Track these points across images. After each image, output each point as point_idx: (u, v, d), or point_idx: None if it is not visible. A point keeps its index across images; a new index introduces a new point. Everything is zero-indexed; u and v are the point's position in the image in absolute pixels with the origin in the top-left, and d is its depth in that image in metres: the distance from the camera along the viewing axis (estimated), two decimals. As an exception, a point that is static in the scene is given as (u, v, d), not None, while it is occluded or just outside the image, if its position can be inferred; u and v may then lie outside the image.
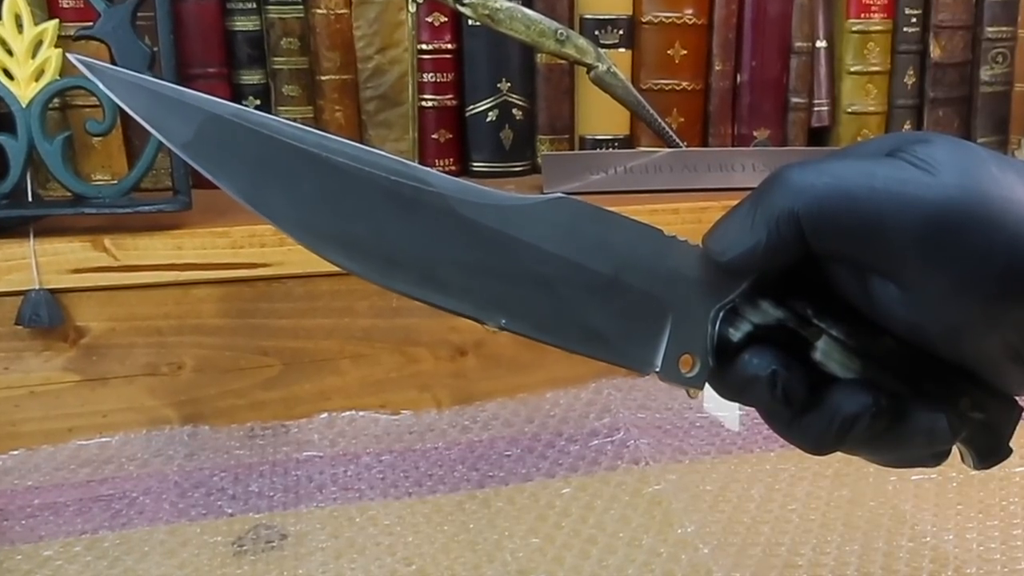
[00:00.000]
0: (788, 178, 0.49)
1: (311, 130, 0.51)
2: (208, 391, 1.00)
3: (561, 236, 0.52)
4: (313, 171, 0.50)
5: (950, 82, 1.40)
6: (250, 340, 1.01)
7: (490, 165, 1.29)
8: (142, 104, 0.50)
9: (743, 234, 0.50)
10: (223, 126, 0.50)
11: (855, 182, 0.47)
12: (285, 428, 1.01)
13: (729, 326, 0.52)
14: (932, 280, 0.47)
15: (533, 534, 0.81)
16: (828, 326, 0.51)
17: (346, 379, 1.04)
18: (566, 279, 0.52)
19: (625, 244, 0.52)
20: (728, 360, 0.52)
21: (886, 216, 0.46)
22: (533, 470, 0.92)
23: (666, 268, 0.52)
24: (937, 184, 0.46)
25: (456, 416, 1.04)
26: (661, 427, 1.00)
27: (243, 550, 0.80)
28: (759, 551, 0.79)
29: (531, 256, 0.52)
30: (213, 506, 0.87)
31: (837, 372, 0.51)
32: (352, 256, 0.51)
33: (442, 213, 0.51)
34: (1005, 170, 0.47)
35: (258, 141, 0.50)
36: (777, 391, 0.50)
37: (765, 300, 0.52)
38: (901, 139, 0.50)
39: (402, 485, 0.90)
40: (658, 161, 1.18)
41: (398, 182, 0.51)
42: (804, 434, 0.51)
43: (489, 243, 0.52)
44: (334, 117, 1.22)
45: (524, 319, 0.52)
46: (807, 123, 1.38)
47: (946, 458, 0.54)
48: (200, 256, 0.97)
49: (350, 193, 0.51)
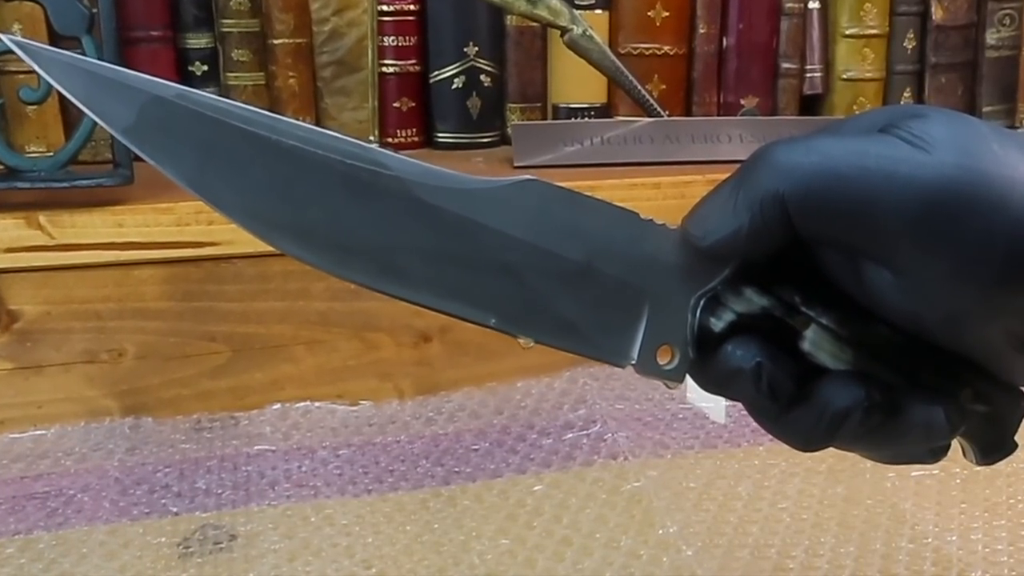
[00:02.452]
0: (773, 157, 0.49)
1: (261, 111, 0.51)
2: (151, 380, 1.01)
3: (529, 221, 0.52)
4: (263, 155, 0.51)
5: (953, 46, 1.40)
6: (197, 325, 1.01)
7: (456, 136, 1.29)
8: (80, 87, 0.50)
9: (725, 217, 0.50)
10: (166, 109, 0.50)
11: (845, 161, 0.48)
12: (234, 420, 1.01)
13: (710, 315, 0.52)
14: (928, 266, 0.47)
15: (502, 535, 0.82)
16: (817, 314, 0.51)
17: (300, 367, 1.04)
18: (535, 267, 0.52)
19: (598, 229, 0.53)
20: (710, 351, 0.52)
21: (878, 198, 0.47)
22: (502, 465, 0.93)
23: (642, 254, 0.53)
24: (933, 163, 0.47)
25: (419, 407, 1.04)
26: (641, 419, 1.00)
27: (189, 552, 0.80)
28: (747, 553, 0.79)
29: (497, 243, 0.52)
30: (157, 504, 0.87)
31: (827, 363, 0.51)
32: (305, 245, 0.52)
33: (401, 198, 0.52)
34: (1007, 147, 0.48)
35: (204, 124, 0.51)
36: (762, 384, 0.50)
37: (749, 287, 0.52)
38: (895, 114, 0.50)
39: (361, 482, 0.90)
40: (638, 132, 1.19)
41: (354, 166, 0.51)
42: (792, 430, 0.52)
43: (452, 229, 0.52)
44: (287, 84, 1.21)
45: (490, 310, 0.53)
46: (798, 91, 1.39)
47: (945, 454, 0.55)
48: (143, 234, 0.97)
49: (303, 178, 0.51)
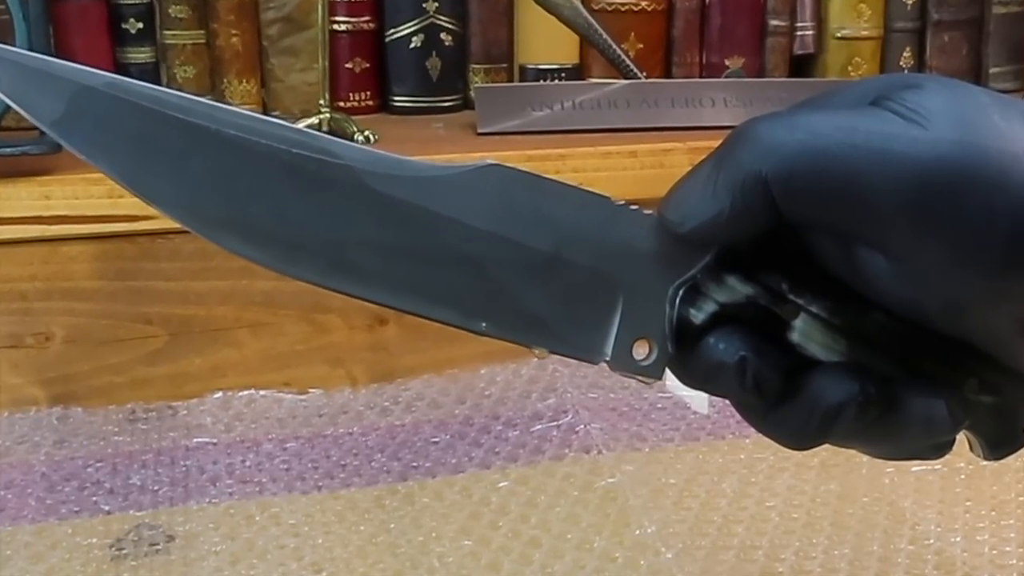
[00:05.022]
0: (755, 134, 0.49)
1: (199, 99, 0.52)
2: (81, 366, 1.00)
3: (491, 209, 0.53)
4: (202, 147, 0.51)
5: (958, 1, 1.41)
6: (131, 306, 1.01)
7: (414, 99, 1.29)
8: (3, 78, 0.51)
9: (704, 201, 0.50)
10: (97, 99, 0.51)
11: (833, 138, 0.48)
12: (172, 410, 1.01)
13: (690, 306, 0.52)
14: (926, 251, 0.47)
15: (465, 535, 0.82)
16: (807, 302, 0.51)
17: (244, 352, 1.04)
18: (498, 258, 0.53)
19: (566, 215, 0.53)
20: (690, 345, 0.52)
21: (870, 179, 0.47)
22: (465, 460, 0.93)
23: (615, 241, 0.53)
24: (929, 139, 0.47)
25: (374, 396, 1.04)
26: (616, 409, 1.01)
27: (122, 554, 0.80)
28: (732, 556, 0.79)
29: (455, 233, 0.52)
30: (87, 502, 0.87)
31: (819, 355, 0.52)
32: (250, 242, 0.52)
33: (351, 188, 0.52)
34: (1010, 118, 0.48)
35: (138, 115, 0.51)
36: (747, 380, 0.50)
37: (731, 274, 0.52)
38: (888, 84, 0.50)
39: (310, 477, 0.90)
40: (612, 95, 1.19)
41: (300, 155, 0.52)
42: (782, 427, 0.52)
43: (406, 220, 0.52)
44: (230, 43, 1.21)
45: (449, 306, 0.53)
46: (788, 50, 1.39)
47: (949, 450, 0.55)
48: (72, 207, 0.96)
49: (245, 170, 0.52)
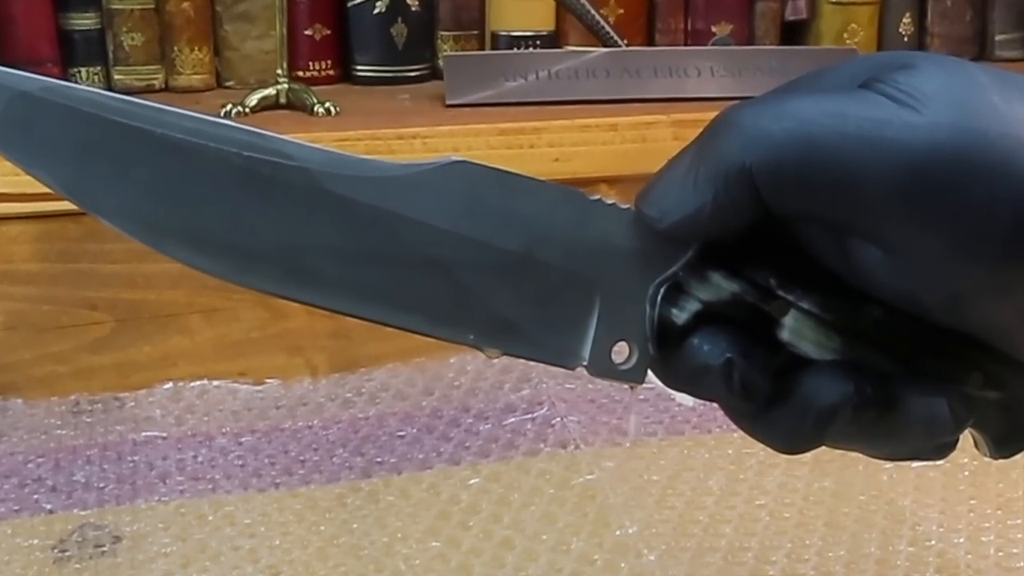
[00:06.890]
0: (738, 123, 0.49)
1: (143, 102, 0.51)
2: (21, 355, 1.00)
3: (457, 209, 0.53)
4: (147, 152, 0.51)
5: (961, -38, 1.41)
6: (75, 291, 1.01)
7: (378, 69, 1.29)
8: None
9: (685, 194, 0.50)
10: (33, 105, 0.50)
11: (821, 126, 0.47)
12: (119, 402, 1.01)
13: (672, 305, 0.53)
14: (922, 242, 0.47)
15: (432, 536, 0.82)
16: (797, 297, 0.51)
17: (196, 340, 1.04)
18: (466, 261, 0.53)
19: (538, 212, 0.53)
20: (673, 347, 0.53)
21: (861, 168, 0.47)
22: (433, 455, 0.93)
23: (591, 239, 0.53)
24: (924, 124, 0.46)
25: (336, 387, 1.04)
26: (595, 401, 1.01)
27: (66, 556, 0.80)
28: (719, 558, 0.80)
29: (420, 236, 0.52)
30: (28, 500, 0.87)
31: (811, 353, 0.51)
32: (201, 251, 0.52)
33: (308, 192, 0.52)
34: (1011, 99, 0.47)
35: (78, 120, 0.51)
36: (734, 383, 0.50)
37: (716, 271, 0.52)
38: (879, 64, 0.50)
39: (267, 474, 0.90)
40: (591, 64, 1.19)
41: (252, 158, 0.52)
42: (773, 431, 0.52)
43: (367, 224, 0.52)
44: (180, 9, 1.21)
45: (416, 313, 0.53)
46: (779, 16, 1.39)
47: (952, 450, 0.55)
48: (10, 183, 0.96)
49: (194, 176, 0.51)
